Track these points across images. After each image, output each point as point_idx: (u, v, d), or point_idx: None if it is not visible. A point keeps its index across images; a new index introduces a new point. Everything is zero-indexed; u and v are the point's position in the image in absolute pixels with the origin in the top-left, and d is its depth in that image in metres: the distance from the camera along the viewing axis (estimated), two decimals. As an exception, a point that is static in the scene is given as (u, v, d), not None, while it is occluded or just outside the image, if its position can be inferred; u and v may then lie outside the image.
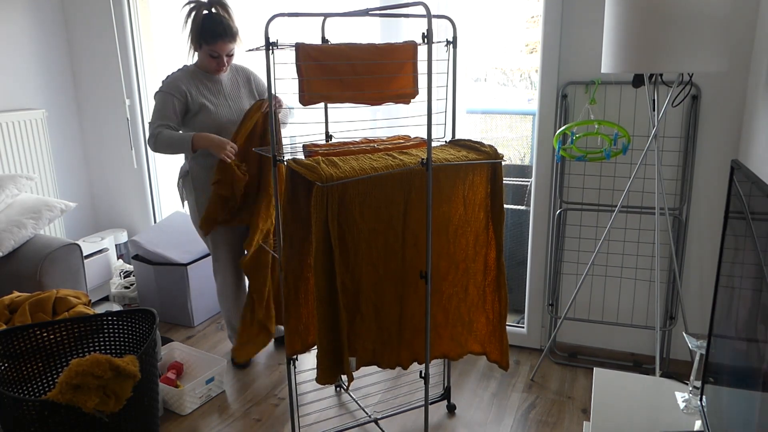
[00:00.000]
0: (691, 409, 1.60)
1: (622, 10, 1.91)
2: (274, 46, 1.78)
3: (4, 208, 2.70)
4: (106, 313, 2.12)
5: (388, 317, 2.00)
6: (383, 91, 2.00)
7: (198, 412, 2.42)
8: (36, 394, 2.02)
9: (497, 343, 2.17)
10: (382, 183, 1.87)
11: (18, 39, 3.17)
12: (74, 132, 3.55)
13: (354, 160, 1.91)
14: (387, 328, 2.02)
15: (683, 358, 2.64)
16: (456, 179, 1.99)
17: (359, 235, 1.88)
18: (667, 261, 2.57)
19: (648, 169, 2.51)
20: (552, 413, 2.37)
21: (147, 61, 3.44)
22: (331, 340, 1.91)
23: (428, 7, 1.67)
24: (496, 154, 2.03)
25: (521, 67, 3.31)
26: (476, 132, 2.84)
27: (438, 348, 2.15)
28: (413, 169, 1.89)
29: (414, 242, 1.97)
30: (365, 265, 1.92)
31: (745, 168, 1.23)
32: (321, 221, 1.79)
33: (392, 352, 2.06)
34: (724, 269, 1.35)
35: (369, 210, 1.87)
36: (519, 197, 3.23)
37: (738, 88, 2.32)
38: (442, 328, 2.13)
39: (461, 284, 2.11)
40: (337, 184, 1.78)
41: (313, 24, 2.89)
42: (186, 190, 2.61)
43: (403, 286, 2.00)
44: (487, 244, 2.12)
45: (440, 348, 2.15)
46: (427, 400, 2.04)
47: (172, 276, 3.10)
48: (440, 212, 2.00)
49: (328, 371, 1.92)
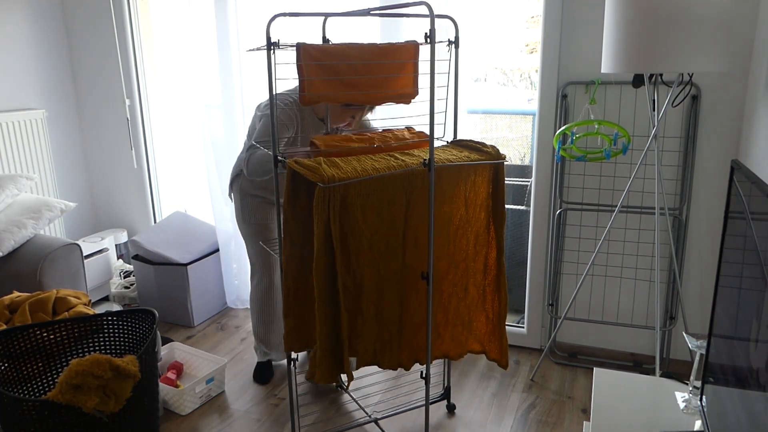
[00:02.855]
0: (691, 409, 1.60)
1: (622, 11, 1.91)
2: (276, 46, 1.79)
3: (4, 208, 2.70)
4: (106, 313, 2.12)
5: (389, 317, 2.01)
6: (383, 91, 2.00)
7: (198, 412, 2.42)
8: (36, 394, 2.02)
9: (497, 342, 2.17)
10: (384, 184, 1.86)
11: (18, 39, 3.17)
12: (74, 132, 3.55)
13: (355, 160, 1.91)
14: (387, 329, 2.02)
15: (683, 358, 2.64)
16: (458, 180, 1.99)
17: (361, 236, 1.87)
18: (667, 261, 2.57)
19: (648, 169, 2.51)
20: (552, 413, 2.37)
21: (147, 61, 3.44)
22: (331, 341, 1.91)
23: (431, 7, 1.67)
24: (498, 154, 2.03)
25: (521, 67, 3.31)
26: (476, 132, 2.84)
27: (438, 348, 2.15)
28: (415, 169, 1.89)
29: (415, 243, 1.97)
30: (367, 266, 1.91)
31: (745, 168, 1.23)
32: (323, 222, 1.79)
33: (393, 353, 2.06)
34: (724, 269, 1.35)
35: (371, 211, 1.87)
36: (519, 197, 3.23)
37: (738, 88, 2.32)
38: (442, 328, 2.13)
39: (461, 284, 2.11)
40: (339, 185, 1.77)
41: (316, 24, 2.89)
42: (234, 192, 2.54)
43: (404, 287, 2.00)
44: (488, 244, 2.12)
45: (441, 348, 2.15)
46: (427, 400, 2.04)
47: (172, 276, 3.10)
48: (441, 212, 2.00)
49: (329, 371, 1.93)
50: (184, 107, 3.49)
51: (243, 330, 3.13)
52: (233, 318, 3.28)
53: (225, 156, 3.13)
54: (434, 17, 1.67)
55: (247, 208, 2.49)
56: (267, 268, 2.55)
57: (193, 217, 3.44)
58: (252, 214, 2.49)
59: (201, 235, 3.29)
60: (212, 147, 3.17)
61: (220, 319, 3.27)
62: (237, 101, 3.05)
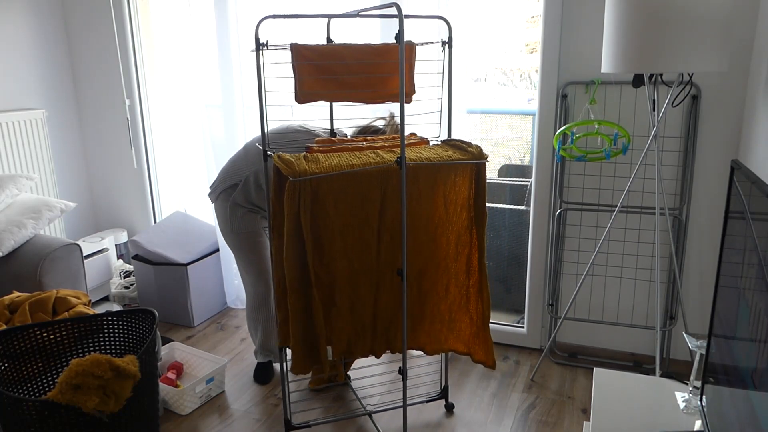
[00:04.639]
0: (691, 409, 1.60)
1: (622, 11, 1.91)
2: (264, 46, 1.85)
3: (4, 208, 2.70)
4: (106, 313, 2.12)
5: (364, 310, 2.05)
6: (378, 91, 2.01)
7: (198, 412, 2.42)
8: (36, 394, 2.02)
9: (482, 344, 2.19)
10: (358, 180, 1.90)
11: (18, 39, 3.17)
12: (74, 132, 3.55)
13: (338, 157, 1.95)
14: (361, 320, 2.06)
15: (683, 358, 2.64)
16: (436, 179, 2.01)
17: (333, 230, 1.92)
18: (667, 261, 2.57)
19: (648, 169, 2.51)
20: (552, 413, 2.37)
21: (147, 61, 3.44)
22: (303, 330, 1.96)
23: (400, 7, 1.72)
24: (481, 154, 2.03)
25: (521, 67, 3.31)
26: (476, 132, 2.84)
27: (414, 339, 2.19)
28: (388, 167, 1.91)
29: (390, 239, 2.00)
30: (340, 259, 1.96)
31: (745, 168, 1.23)
32: (293, 214, 1.85)
33: (366, 342, 2.11)
34: (724, 269, 1.35)
35: (344, 205, 1.91)
36: (519, 197, 3.23)
37: (738, 88, 2.32)
38: (417, 323, 2.16)
39: (441, 283, 2.13)
40: (310, 179, 1.84)
41: (318, 24, 2.89)
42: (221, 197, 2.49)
43: (378, 281, 2.04)
44: (470, 244, 2.12)
45: (416, 341, 2.19)
46: (405, 396, 2.07)
47: (172, 276, 3.10)
48: (419, 211, 2.01)
49: (302, 361, 1.98)
50: (184, 107, 3.49)
51: (243, 330, 3.13)
52: (233, 318, 3.28)
53: (225, 156, 3.13)
54: (403, 18, 1.72)
55: (236, 219, 2.43)
56: (262, 275, 2.50)
57: (193, 217, 3.44)
58: (239, 224, 2.43)
59: (201, 235, 3.29)
60: (212, 147, 3.17)
61: (220, 319, 3.28)
62: (237, 101, 3.05)
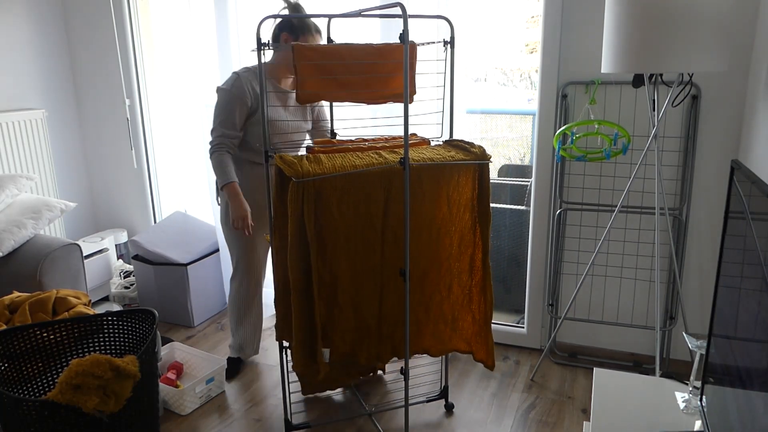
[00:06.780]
0: (691, 409, 1.60)
1: (622, 11, 1.91)
2: (266, 46, 1.86)
3: (4, 208, 2.70)
4: (106, 313, 2.12)
5: (367, 311, 2.04)
6: (379, 91, 2.01)
7: (198, 412, 2.42)
8: (36, 394, 2.02)
9: (483, 343, 2.19)
10: (361, 180, 1.90)
11: (18, 39, 3.17)
12: (74, 132, 3.55)
13: (340, 157, 1.95)
14: (365, 322, 2.05)
15: (683, 358, 2.64)
16: (440, 179, 2.01)
17: (337, 230, 1.92)
18: (667, 261, 2.57)
19: (648, 169, 2.51)
20: (552, 413, 2.37)
21: (147, 61, 3.44)
22: (306, 331, 1.96)
23: (404, 7, 1.72)
24: (484, 155, 2.03)
25: (521, 67, 3.31)
26: (476, 132, 2.84)
27: (419, 343, 2.18)
28: (391, 167, 1.91)
29: (394, 239, 2.00)
30: (343, 260, 1.96)
31: (745, 168, 1.23)
32: (296, 215, 1.84)
33: (371, 346, 2.10)
34: (724, 269, 1.35)
35: (347, 206, 1.91)
36: (519, 197, 3.23)
37: (738, 88, 2.32)
38: (423, 325, 2.15)
39: (444, 282, 2.13)
40: (313, 180, 1.83)
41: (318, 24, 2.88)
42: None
43: (383, 282, 2.03)
44: (474, 244, 2.12)
45: (421, 344, 2.18)
46: (407, 397, 2.06)
47: (172, 276, 3.10)
48: (422, 211, 2.01)
49: (302, 360, 1.99)
50: (184, 107, 3.49)
51: (243, 330, 3.13)
52: (233, 318, 3.28)
53: (225, 156, 3.13)
54: (407, 17, 1.72)
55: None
56: (249, 270, 2.57)
57: (193, 217, 3.44)
58: None
59: (201, 235, 3.29)
60: (212, 147, 3.17)
61: (220, 319, 3.27)
62: (237, 101, 3.05)
